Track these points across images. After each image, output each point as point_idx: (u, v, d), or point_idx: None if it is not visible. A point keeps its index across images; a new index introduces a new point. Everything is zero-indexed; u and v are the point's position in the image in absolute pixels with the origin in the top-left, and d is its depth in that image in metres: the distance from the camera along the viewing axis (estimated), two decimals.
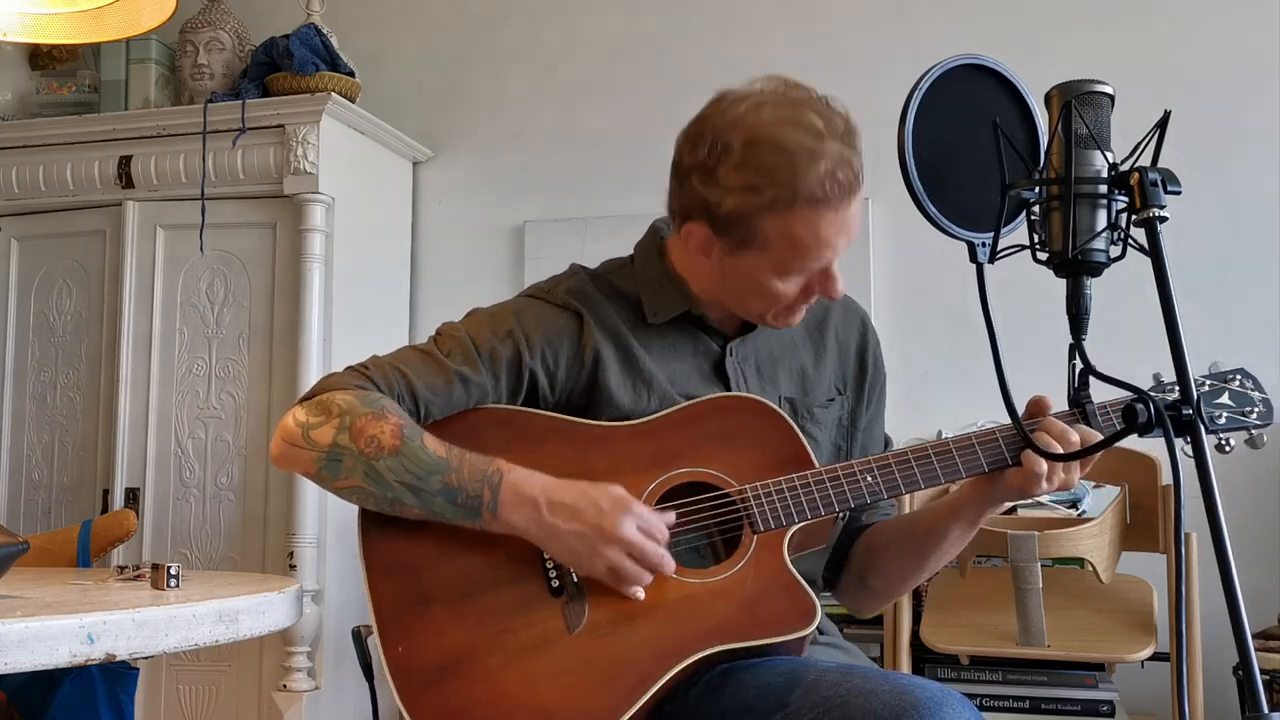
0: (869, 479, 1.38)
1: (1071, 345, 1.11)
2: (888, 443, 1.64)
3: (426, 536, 1.36)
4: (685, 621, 1.31)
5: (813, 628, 1.32)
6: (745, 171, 1.34)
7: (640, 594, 1.32)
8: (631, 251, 1.57)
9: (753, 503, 1.36)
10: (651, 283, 1.50)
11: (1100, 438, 1.33)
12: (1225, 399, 1.41)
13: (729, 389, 1.48)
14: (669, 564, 1.32)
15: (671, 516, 1.35)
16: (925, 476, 1.38)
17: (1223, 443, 1.41)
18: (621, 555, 1.30)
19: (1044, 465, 1.33)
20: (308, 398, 1.41)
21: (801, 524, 1.37)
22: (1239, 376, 1.43)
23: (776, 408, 1.44)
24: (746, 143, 1.35)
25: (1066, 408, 1.34)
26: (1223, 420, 1.41)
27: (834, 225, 1.36)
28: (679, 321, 1.50)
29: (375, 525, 1.38)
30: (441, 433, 1.37)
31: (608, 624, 1.31)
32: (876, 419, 1.62)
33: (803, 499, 1.37)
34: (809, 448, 1.42)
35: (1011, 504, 2.40)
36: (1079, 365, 1.12)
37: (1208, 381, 1.43)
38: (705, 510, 1.38)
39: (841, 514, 1.43)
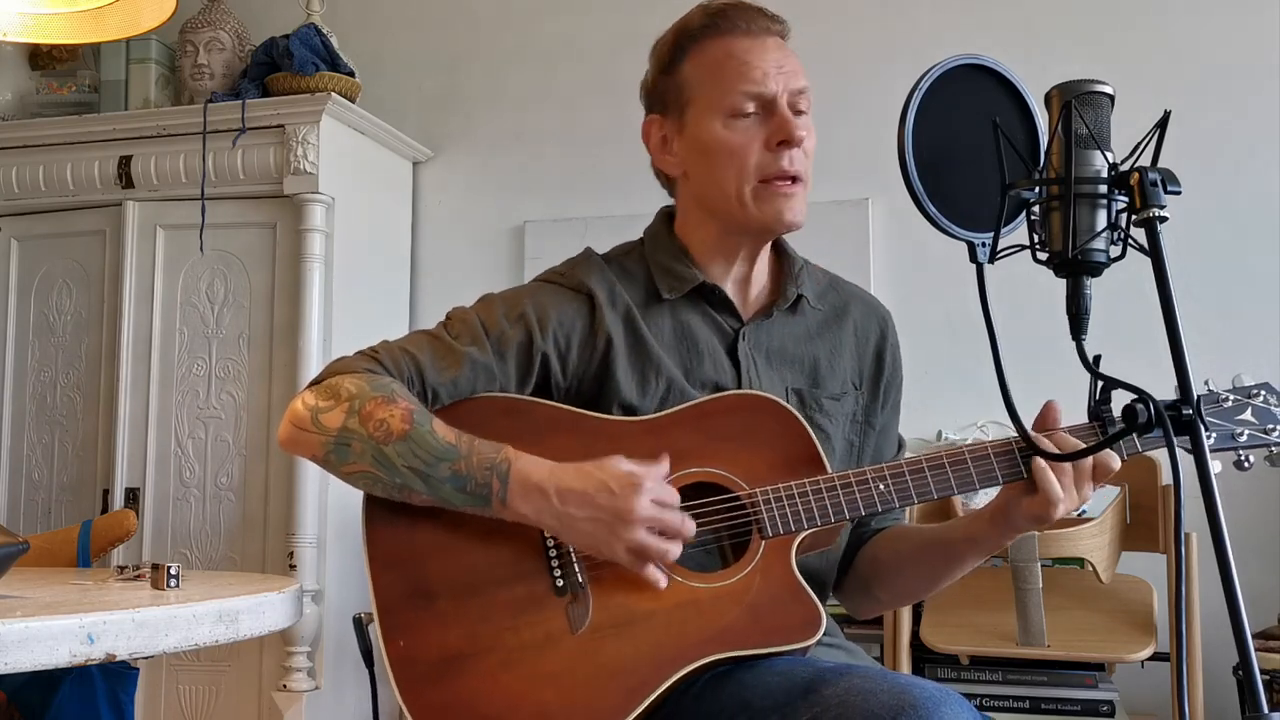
0: (881, 487, 1.36)
1: (1097, 355, 1.10)
2: (900, 444, 1.62)
3: (431, 529, 1.35)
4: (689, 626, 1.30)
5: (817, 638, 1.31)
6: (660, 40, 1.50)
7: (663, 581, 1.30)
8: (641, 236, 1.57)
9: (762, 507, 1.35)
10: (662, 259, 1.50)
11: (1111, 455, 1.30)
12: (1248, 415, 1.36)
13: (740, 374, 1.47)
14: (690, 526, 1.30)
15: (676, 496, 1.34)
16: (939, 486, 1.36)
17: (1242, 459, 1.35)
18: (643, 532, 1.28)
19: (1059, 490, 1.30)
20: (316, 382, 1.40)
21: (811, 530, 1.36)
22: (1263, 391, 1.38)
23: (791, 409, 1.41)
24: (671, 29, 1.50)
25: (1086, 420, 1.33)
26: (1244, 437, 1.35)
27: (752, 50, 1.42)
28: (693, 299, 1.49)
29: (380, 517, 1.37)
30: (449, 421, 1.36)
31: (610, 626, 1.30)
32: (892, 420, 1.60)
33: (813, 504, 1.35)
34: (822, 450, 1.39)
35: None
36: (1099, 380, 1.10)
37: (1231, 396, 1.37)
38: (714, 513, 1.37)
39: (852, 520, 1.42)
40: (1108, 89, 1.11)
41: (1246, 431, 1.36)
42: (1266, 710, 0.92)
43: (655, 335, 1.46)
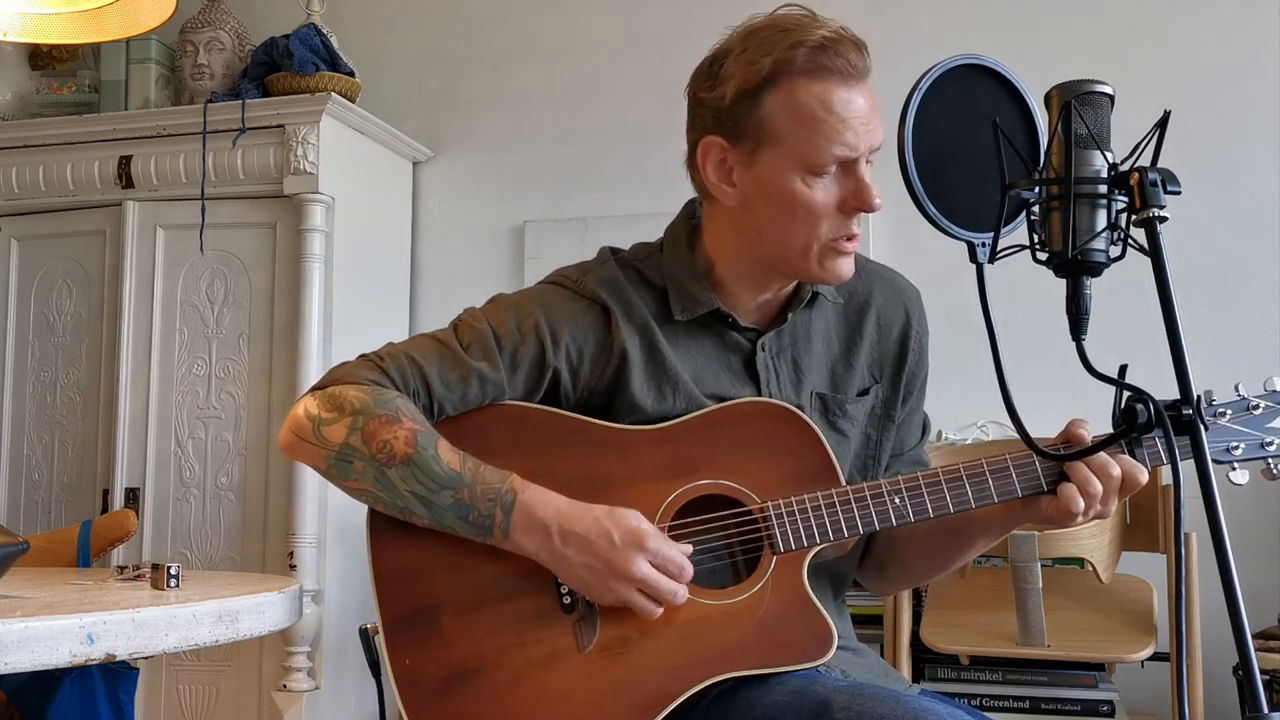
0: (897, 501, 1.32)
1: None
2: (925, 429, 1.57)
3: (437, 544, 1.32)
4: (698, 645, 1.29)
5: (827, 657, 1.29)
6: (744, 56, 1.34)
7: (655, 613, 1.28)
8: (662, 236, 1.50)
9: (774, 521, 1.32)
10: (680, 277, 1.43)
11: (1140, 469, 1.28)
12: (1278, 423, 1.32)
13: (759, 387, 1.42)
14: (682, 596, 1.28)
15: (688, 549, 1.30)
16: (956, 501, 1.32)
17: (1272, 467, 1.31)
18: (631, 590, 1.27)
19: (1080, 503, 1.27)
20: (320, 387, 1.36)
21: (823, 545, 1.33)
22: None
23: (804, 416, 1.37)
24: (746, 34, 1.36)
25: (1110, 430, 1.28)
26: (1274, 447, 1.31)
27: (843, 101, 1.31)
28: (706, 320, 1.43)
29: (384, 530, 1.34)
30: (454, 430, 1.33)
31: (619, 644, 1.29)
32: (916, 411, 1.54)
33: (826, 520, 1.32)
34: (838, 453, 1.36)
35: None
36: (1098, 378, 1.09)
37: (1263, 402, 1.32)
38: (725, 527, 1.34)
39: (864, 535, 1.39)
40: (1108, 89, 1.11)
41: (1277, 441, 1.31)
42: (1266, 710, 0.92)
43: (672, 348, 1.41)
